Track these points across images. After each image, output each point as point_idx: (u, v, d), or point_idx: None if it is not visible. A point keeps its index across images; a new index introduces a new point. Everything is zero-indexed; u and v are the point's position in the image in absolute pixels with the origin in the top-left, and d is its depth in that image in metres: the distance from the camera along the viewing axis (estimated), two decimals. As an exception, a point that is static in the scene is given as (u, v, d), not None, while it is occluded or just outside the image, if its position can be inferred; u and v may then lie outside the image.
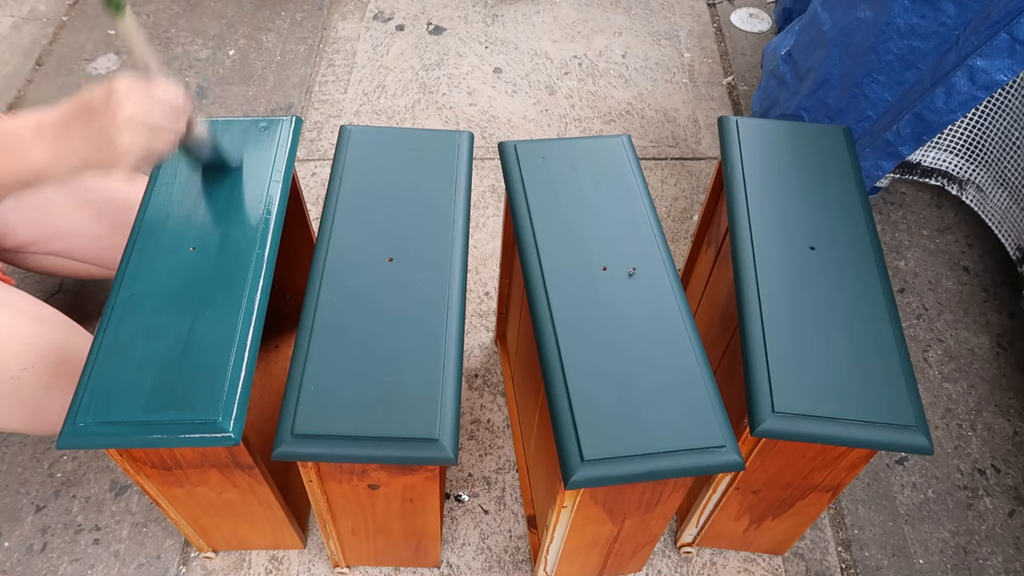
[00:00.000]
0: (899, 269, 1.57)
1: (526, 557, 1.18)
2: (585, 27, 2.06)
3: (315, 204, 1.62)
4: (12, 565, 1.15)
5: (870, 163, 1.38)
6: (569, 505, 0.86)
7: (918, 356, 1.44)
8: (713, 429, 0.79)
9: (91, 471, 1.24)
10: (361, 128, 1.07)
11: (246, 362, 0.82)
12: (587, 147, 1.05)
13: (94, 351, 0.82)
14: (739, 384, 0.88)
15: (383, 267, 0.92)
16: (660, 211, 1.65)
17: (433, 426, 0.79)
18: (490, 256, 1.55)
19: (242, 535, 1.10)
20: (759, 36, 2.05)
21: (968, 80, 1.20)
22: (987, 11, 1.15)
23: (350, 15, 2.07)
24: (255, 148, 1.02)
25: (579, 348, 0.84)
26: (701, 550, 1.19)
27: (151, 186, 0.98)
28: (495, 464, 1.27)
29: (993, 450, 1.33)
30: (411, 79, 1.90)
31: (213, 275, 0.89)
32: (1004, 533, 1.23)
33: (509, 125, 1.81)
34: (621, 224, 0.96)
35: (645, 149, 1.77)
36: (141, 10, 2.05)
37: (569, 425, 0.78)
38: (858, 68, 1.33)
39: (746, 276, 0.92)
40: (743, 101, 1.88)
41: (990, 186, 1.46)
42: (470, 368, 1.39)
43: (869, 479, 1.28)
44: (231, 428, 0.77)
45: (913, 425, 0.82)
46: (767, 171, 1.02)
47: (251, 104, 1.83)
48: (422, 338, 0.85)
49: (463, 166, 1.03)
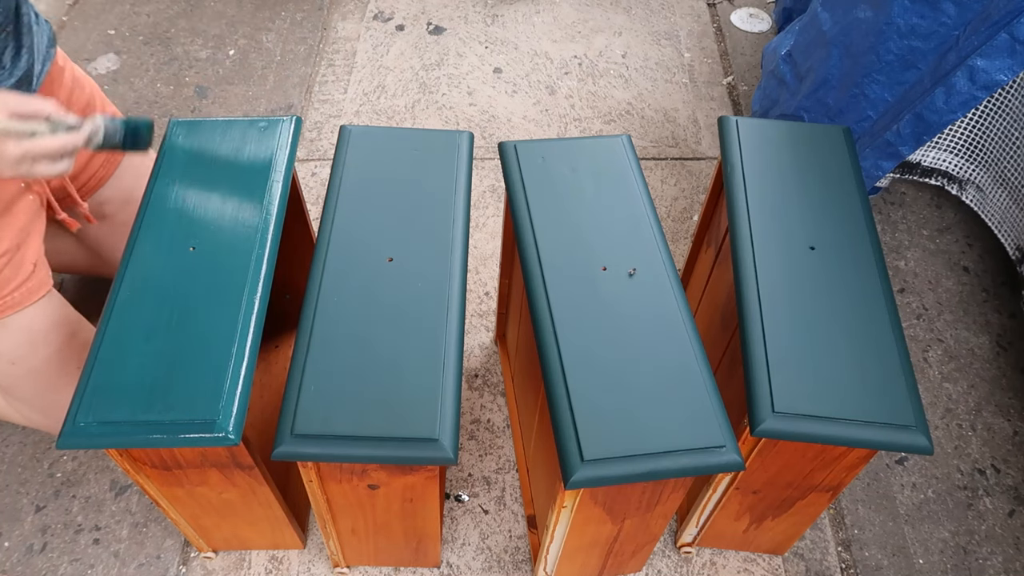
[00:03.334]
0: (899, 269, 1.57)
1: (526, 557, 1.18)
2: (585, 27, 2.06)
3: (315, 204, 1.62)
4: (12, 565, 1.15)
5: (870, 163, 1.38)
6: (569, 505, 0.86)
7: (918, 356, 1.44)
8: (713, 429, 0.79)
9: (91, 471, 1.24)
10: (361, 128, 1.07)
11: (246, 362, 0.82)
12: (587, 147, 1.05)
13: (94, 351, 0.82)
14: (739, 384, 0.88)
15: (383, 267, 0.92)
16: (660, 211, 1.65)
17: (433, 426, 0.79)
18: (490, 256, 1.55)
19: (242, 535, 1.10)
20: (759, 36, 2.05)
21: (968, 80, 1.20)
22: (987, 11, 1.15)
23: (350, 15, 2.07)
24: (255, 148, 1.02)
25: (579, 348, 0.84)
26: (701, 550, 1.19)
27: (151, 186, 0.98)
28: (495, 464, 1.27)
29: (993, 450, 1.33)
30: (411, 79, 1.90)
31: (213, 275, 0.89)
32: (1004, 533, 1.23)
33: (509, 125, 1.81)
34: (621, 224, 0.96)
35: (645, 149, 1.77)
36: (141, 10, 2.05)
37: (569, 425, 0.78)
38: (858, 68, 1.33)
39: (746, 276, 0.92)
40: (743, 101, 1.88)
41: (990, 186, 1.46)
42: (470, 368, 1.39)
43: (869, 479, 1.28)
44: (231, 428, 0.77)
45: (913, 425, 0.82)
46: (767, 171, 1.02)
47: (251, 104, 1.83)
48: (422, 338, 0.85)
49: (463, 166, 1.03)
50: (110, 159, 1.21)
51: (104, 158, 1.20)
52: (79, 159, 1.14)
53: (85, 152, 1.14)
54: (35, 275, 1.01)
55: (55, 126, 0.86)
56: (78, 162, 1.14)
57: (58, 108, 0.87)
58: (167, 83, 1.87)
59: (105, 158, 1.20)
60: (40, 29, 1.02)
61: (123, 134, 0.92)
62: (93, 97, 1.16)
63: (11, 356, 1.02)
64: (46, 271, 1.04)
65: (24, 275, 1.00)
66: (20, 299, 0.99)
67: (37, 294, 1.01)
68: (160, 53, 1.94)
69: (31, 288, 1.00)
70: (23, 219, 1.00)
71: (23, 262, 0.99)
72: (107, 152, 1.15)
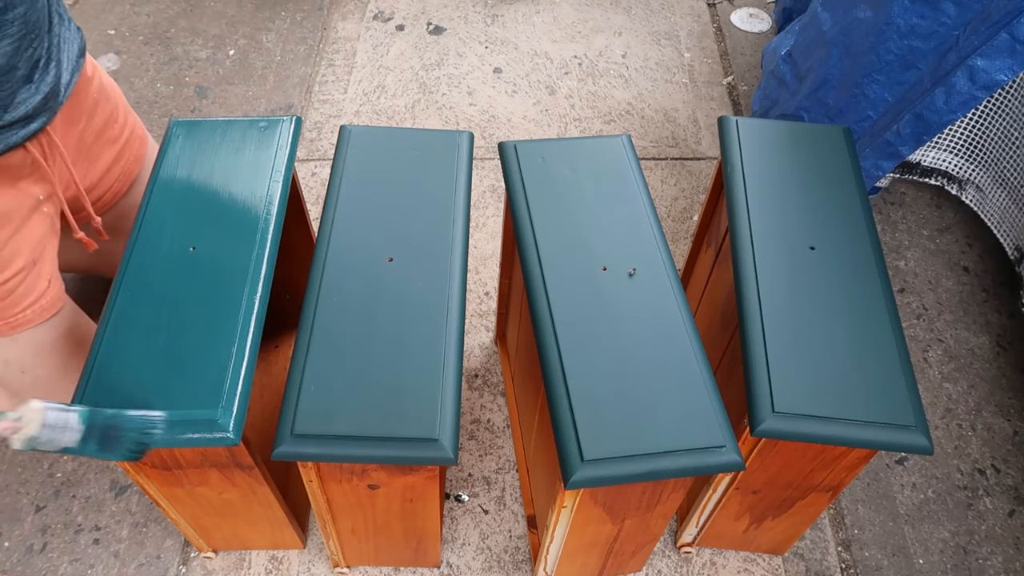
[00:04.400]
0: (899, 269, 1.57)
1: (526, 557, 1.18)
2: (585, 27, 2.06)
3: (315, 204, 1.62)
4: (12, 565, 1.15)
5: (870, 163, 1.38)
6: (569, 505, 0.86)
7: (918, 356, 1.44)
8: (713, 429, 0.79)
9: (91, 471, 1.24)
10: (361, 128, 1.07)
11: (246, 362, 0.82)
12: (587, 147, 1.05)
13: (94, 351, 0.82)
14: (739, 384, 0.88)
15: (383, 267, 0.92)
16: (660, 211, 1.65)
17: (433, 426, 0.79)
18: (490, 256, 1.55)
19: (242, 535, 1.10)
20: (759, 36, 2.05)
21: (968, 80, 1.20)
22: (987, 11, 1.15)
23: (350, 15, 2.07)
24: (255, 148, 1.02)
25: (579, 348, 0.84)
26: (701, 550, 1.19)
27: (151, 186, 0.98)
28: (495, 464, 1.27)
29: (993, 450, 1.33)
30: (411, 79, 1.90)
31: (213, 275, 0.88)
32: (1004, 533, 1.23)
33: (509, 125, 1.81)
34: (621, 224, 0.96)
35: (645, 149, 1.77)
36: (141, 10, 2.05)
37: (569, 425, 0.78)
38: (858, 68, 1.33)
39: (746, 276, 0.92)
40: (743, 101, 1.88)
41: (989, 186, 1.46)
42: (470, 368, 1.39)
43: (869, 479, 1.28)
44: (231, 428, 0.77)
45: (913, 425, 0.82)
46: (767, 171, 1.02)
47: (251, 104, 1.83)
48: (422, 338, 0.85)
49: (463, 166, 1.03)
50: (126, 173, 1.18)
51: (120, 172, 1.17)
52: (93, 173, 1.11)
53: (102, 165, 1.11)
54: (49, 291, 1.00)
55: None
56: (92, 177, 1.11)
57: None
58: (167, 83, 1.87)
59: (121, 172, 1.17)
60: (72, 37, 1.00)
61: (82, 435, 0.66)
62: (117, 108, 1.13)
63: (20, 366, 1.01)
64: (59, 286, 1.03)
65: (39, 292, 0.98)
66: (32, 317, 0.98)
67: (49, 312, 1.00)
68: (160, 53, 1.94)
69: (44, 306, 0.99)
70: (38, 233, 0.98)
71: (39, 278, 0.98)
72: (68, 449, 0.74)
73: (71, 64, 0.98)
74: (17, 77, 0.86)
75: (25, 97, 0.88)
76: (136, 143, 1.18)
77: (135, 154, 1.18)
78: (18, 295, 0.96)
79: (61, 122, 1.00)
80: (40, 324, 1.00)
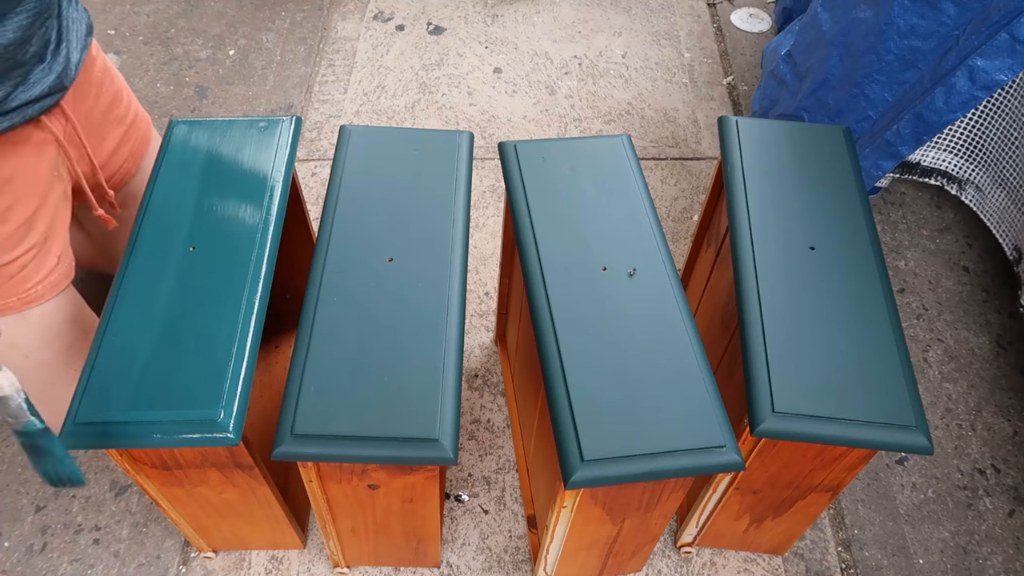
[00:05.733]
0: (899, 269, 1.57)
1: (526, 557, 1.18)
2: (585, 27, 2.06)
3: (315, 204, 1.62)
4: (12, 565, 1.15)
5: (870, 163, 1.38)
6: (569, 505, 0.86)
7: (918, 356, 1.44)
8: (713, 429, 0.79)
9: (91, 471, 1.24)
10: (361, 128, 1.07)
11: (246, 362, 0.82)
12: (587, 147, 1.05)
13: (94, 350, 0.82)
14: (739, 384, 0.88)
15: (383, 267, 0.92)
16: (660, 211, 1.65)
17: (433, 426, 0.79)
18: (490, 256, 1.55)
19: (242, 535, 1.10)
20: (759, 36, 2.05)
21: (968, 80, 1.20)
22: (987, 11, 1.15)
23: (350, 15, 2.07)
24: (255, 148, 1.02)
25: (579, 348, 0.84)
26: (701, 550, 1.19)
27: (151, 186, 0.98)
28: (495, 464, 1.27)
29: (993, 450, 1.33)
30: (411, 79, 1.90)
31: (213, 275, 0.89)
32: (1004, 533, 1.23)
33: (509, 125, 1.81)
34: (621, 224, 0.96)
35: (645, 149, 1.77)
36: (141, 10, 2.05)
37: (569, 425, 0.78)
38: (858, 68, 1.33)
39: (746, 276, 0.92)
40: (743, 101, 1.88)
41: (989, 186, 1.46)
42: (470, 368, 1.39)
43: (869, 479, 1.28)
44: (231, 428, 0.77)
45: (913, 425, 0.82)
46: (767, 171, 1.02)
47: (251, 104, 1.83)
48: (422, 338, 0.85)
49: (463, 166, 1.03)
50: (134, 154, 1.19)
51: (128, 152, 1.18)
52: (103, 152, 1.12)
53: (110, 144, 1.12)
54: (58, 268, 1.02)
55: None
56: (102, 155, 1.12)
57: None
58: (167, 83, 1.87)
59: (130, 152, 1.18)
60: (79, 17, 1.02)
61: (25, 425, 0.71)
62: (121, 90, 1.15)
63: (25, 349, 1.02)
64: (69, 263, 1.05)
65: (48, 268, 1.00)
66: (42, 292, 1.00)
67: (58, 288, 1.02)
68: (160, 53, 1.94)
69: (53, 282, 1.01)
70: (51, 206, 1.00)
71: (49, 253, 1.00)
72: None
73: (80, 43, 1.01)
74: (31, 54, 0.88)
75: (40, 77, 0.91)
76: (142, 124, 1.20)
77: (141, 135, 1.20)
78: (29, 271, 0.97)
79: (72, 98, 1.02)
80: (49, 301, 1.01)
